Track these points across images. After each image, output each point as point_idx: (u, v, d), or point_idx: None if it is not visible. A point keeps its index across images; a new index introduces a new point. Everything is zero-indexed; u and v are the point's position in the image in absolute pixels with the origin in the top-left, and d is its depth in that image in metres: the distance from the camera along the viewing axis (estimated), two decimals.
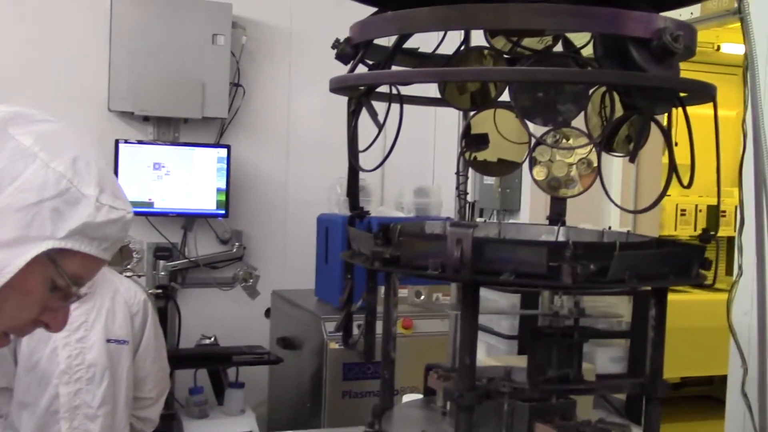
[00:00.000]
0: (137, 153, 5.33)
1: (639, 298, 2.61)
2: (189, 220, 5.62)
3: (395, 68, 1.85)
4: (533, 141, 2.09)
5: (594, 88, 2.07)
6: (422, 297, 3.76)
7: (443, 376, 2.02)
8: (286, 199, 5.88)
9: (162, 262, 5.49)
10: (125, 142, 5.30)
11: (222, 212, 5.48)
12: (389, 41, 1.93)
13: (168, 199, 5.37)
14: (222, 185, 5.44)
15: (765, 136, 2.23)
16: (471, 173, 2.71)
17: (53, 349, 3.19)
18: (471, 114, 2.34)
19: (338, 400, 4.45)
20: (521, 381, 1.83)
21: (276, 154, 5.88)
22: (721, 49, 6.33)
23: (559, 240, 2.10)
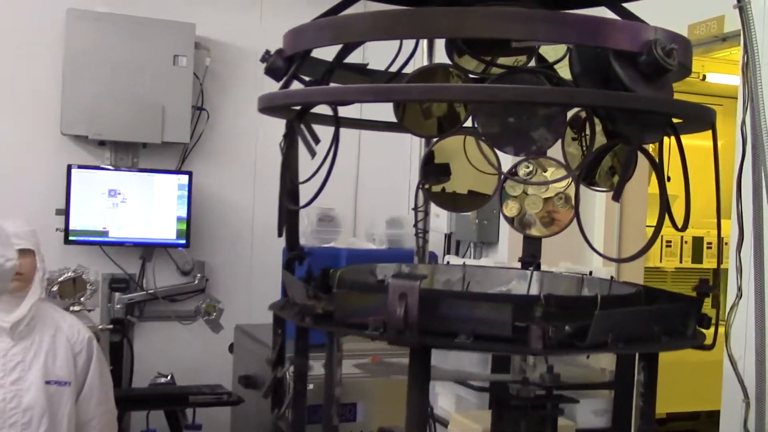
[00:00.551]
0: (91, 179, 5.07)
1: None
2: (147, 250, 5.34)
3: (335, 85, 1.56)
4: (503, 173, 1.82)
5: (572, 112, 1.79)
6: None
7: None
8: (252, 228, 5.64)
9: (118, 295, 5.24)
10: (78, 167, 5.04)
11: (183, 242, 5.23)
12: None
13: (124, 228, 5.11)
14: (183, 213, 5.19)
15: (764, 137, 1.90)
16: None
17: None
18: (433, 141, 2.07)
19: None
20: None
21: (242, 181, 5.63)
22: (707, 79, 6.14)
23: (530, 293, 1.81)
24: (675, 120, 1.52)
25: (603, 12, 1.63)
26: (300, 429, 1.58)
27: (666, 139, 1.54)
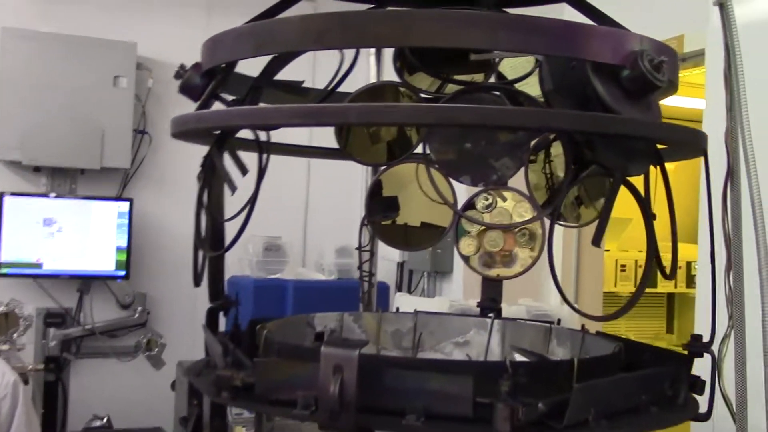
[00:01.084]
0: (25, 207, 4.81)
1: None
2: (85, 283, 5.08)
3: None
4: (459, 207, 1.58)
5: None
6: None
7: None
8: (204, 257, 5.32)
9: (53, 330, 4.97)
10: (11, 195, 4.78)
11: (122, 273, 4.97)
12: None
13: (60, 259, 4.86)
14: (123, 243, 4.95)
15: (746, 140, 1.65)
16: None
17: None
18: (380, 170, 1.83)
19: None
20: None
21: (186, 209, 5.22)
22: (664, 102, 6.01)
23: (490, 344, 1.56)
24: (659, 146, 1.29)
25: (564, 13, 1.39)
26: None
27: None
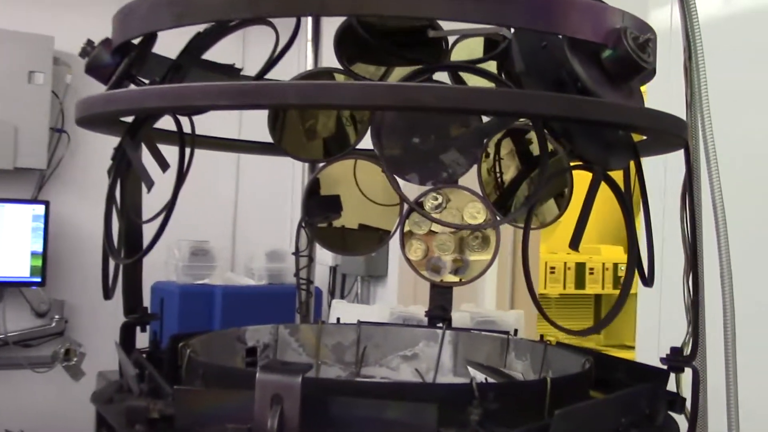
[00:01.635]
0: None
1: None
2: None
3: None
4: (405, 208, 1.43)
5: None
6: None
7: None
8: (118, 264, 5.09)
9: None
10: None
11: (38, 279, 4.80)
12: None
13: None
14: (38, 248, 4.78)
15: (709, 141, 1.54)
16: None
17: None
18: (318, 167, 1.68)
19: None
20: None
21: None
22: None
23: (440, 357, 1.41)
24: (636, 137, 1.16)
25: None
26: None
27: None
